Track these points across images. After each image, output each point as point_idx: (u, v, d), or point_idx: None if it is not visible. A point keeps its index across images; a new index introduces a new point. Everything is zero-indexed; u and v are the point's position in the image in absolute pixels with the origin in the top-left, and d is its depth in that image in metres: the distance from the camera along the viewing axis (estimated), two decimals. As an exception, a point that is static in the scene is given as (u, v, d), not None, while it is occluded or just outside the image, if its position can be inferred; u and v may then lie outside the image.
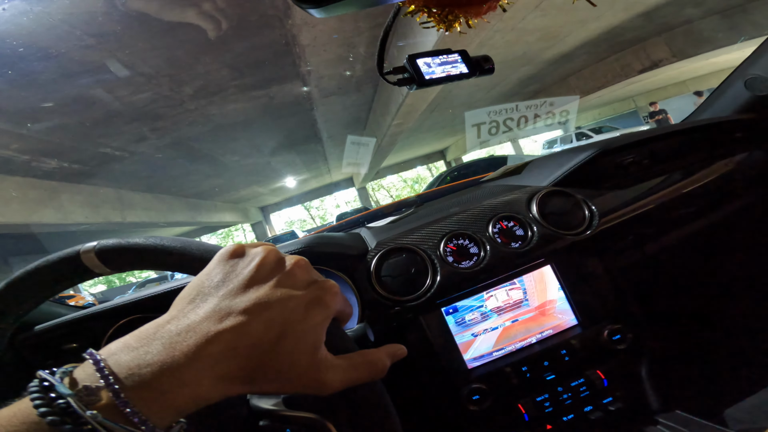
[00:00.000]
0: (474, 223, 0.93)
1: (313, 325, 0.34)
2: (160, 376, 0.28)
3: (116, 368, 0.28)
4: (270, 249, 0.37)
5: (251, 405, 0.56)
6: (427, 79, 0.89)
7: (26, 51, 4.02)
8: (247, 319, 0.31)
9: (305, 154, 11.85)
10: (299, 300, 0.34)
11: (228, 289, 0.33)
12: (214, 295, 0.33)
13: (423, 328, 0.86)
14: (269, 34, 4.96)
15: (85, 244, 0.48)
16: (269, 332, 0.31)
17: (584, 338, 0.87)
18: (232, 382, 0.30)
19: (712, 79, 13.68)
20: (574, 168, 1.05)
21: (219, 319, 0.31)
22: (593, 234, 0.91)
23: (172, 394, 0.28)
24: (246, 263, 0.35)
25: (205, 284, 0.34)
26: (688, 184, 1.02)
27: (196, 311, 0.32)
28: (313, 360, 0.33)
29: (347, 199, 19.79)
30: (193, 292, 0.34)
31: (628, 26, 8.71)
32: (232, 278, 0.34)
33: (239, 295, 0.33)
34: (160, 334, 0.30)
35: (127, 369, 0.28)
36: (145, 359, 0.28)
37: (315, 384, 0.33)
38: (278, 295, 0.33)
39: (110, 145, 6.92)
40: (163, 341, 0.30)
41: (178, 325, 0.31)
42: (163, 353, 0.29)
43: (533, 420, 0.85)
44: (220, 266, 0.35)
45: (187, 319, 0.31)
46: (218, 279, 0.34)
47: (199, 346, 0.29)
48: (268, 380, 0.32)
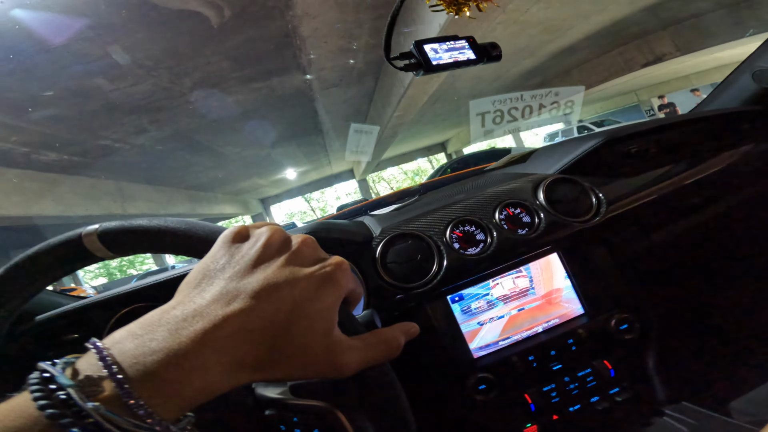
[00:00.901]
0: (480, 209, 0.91)
1: (325, 304, 0.32)
2: (166, 365, 0.26)
3: (120, 357, 0.26)
4: (275, 228, 0.36)
5: (257, 394, 0.55)
6: (435, 64, 0.87)
7: (25, 43, 3.99)
8: (256, 301, 0.29)
9: (306, 146, 11.83)
10: (309, 279, 0.32)
11: (234, 270, 0.32)
12: (220, 277, 0.31)
13: (428, 317, 0.85)
14: (270, 25, 4.93)
15: (87, 227, 0.47)
16: (280, 313, 0.30)
17: (591, 327, 0.86)
18: (242, 369, 0.29)
19: (716, 74, 13.59)
20: (581, 156, 1.03)
21: (227, 302, 0.29)
22: (601, 222, 0.90)
23: (179, 383, 0.26)
24: (252, 244, 0.34)
25: (210, 267, 0.33)
26: (695, 174, 1.01)
27: (203, 295, 0.30)
28: (328, 342, 0.32)
29: (348, 190, 19.79)
30: (198, 276, 0.32)
31: (632, 20, 8.64)
32: (238, 260, 0.33)
33: (246, 276, 0.31)
34: (165, 320, 0.28)
35: (132, 357, 0.26)
36: (150, 347, 0.27)
37: (331, 367, 0.32)
38: (287, 274, 0.31)
39: (110, 137, 6.90)
40: (168, 327, 0.28)
41: (184, 310, 0.29)
42: (169, 339, 0.27)
43: (540, 410, 0.84)
44: (224, 248, 0.34)
45: (193, 304, 0.29)
46: (224, 261, 0.33)
47: (206, 331, 0.28)
48: (281, 366, 0.30)
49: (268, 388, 0.55)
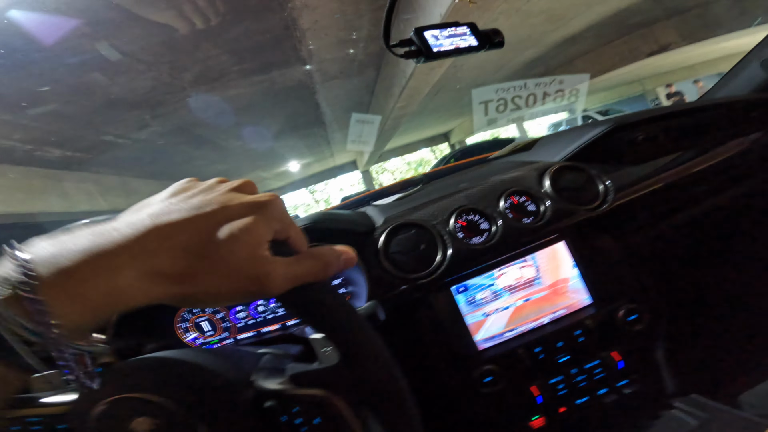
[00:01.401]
0: (484, 198, 0.90)
1: (255, 222, 0.32)
2: (78, 264, 0.25)
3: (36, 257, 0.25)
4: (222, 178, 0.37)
5: (256, 386, 0.55)
6: (435, 51, 0.86)
7: (23, 41, 3.97)
8: (187, 215, 0.30)
9: (308, 138, 11.80)
10: (243, 202, 0.33)
11: (176, 198, 0.32)
12: (159, 203, 0.32)
13: (432, 308, 0.84)
14: (269, 18, 4.88)
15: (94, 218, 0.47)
16: (209, 228, 0.30)
17: (599, 318, 0.84)
18: (161, 278, 0.28)
19: (722, 63, 13.37)
20: (587, 143, 1.02)
21: (159, 216, 0.29)
22: (608, 209, 0.88)
23: (87, 283, 0.25)
24: (199, 184, 0.35)
25: (154, 198, 0.33)
26: (703, 162, 0.99)
27: (138, 213, 0.31)
28: (254, 253, 0.31)
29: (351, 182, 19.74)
30: (140, 204, 0.33)
31: (636, 9, 8.51)
32: (181, 191, 0.33)
33: (184, 201, 0.32)
34: (94, 229, 0.28)
35: (49, 256, 0.25)
36: (68, 247, 0.26)
37: (256, 279, 0.31)
38: (222, 199, 0.32)
39: (112, 133, 6.90)
40: (94, 232, 0.28)
41: (116, 222, 0.29)
42: (91, 240, 0.27)
43: (546, 403, 0.83)
44: (173, 186, 0.35)
45: (126, 219, 0.30)
46: (168, 193, 0.33)
47: (131, 237, 0.28)
48: (202, 278, 0.29)
49: (267, 380, 0.55)
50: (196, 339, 0.97)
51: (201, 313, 0.97)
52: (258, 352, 0.68)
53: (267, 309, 0.97)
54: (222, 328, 0.97)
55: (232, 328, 0.97)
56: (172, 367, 0.53)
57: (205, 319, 0.97)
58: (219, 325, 0.97)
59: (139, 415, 0.51)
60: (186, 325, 0.97)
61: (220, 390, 0.53)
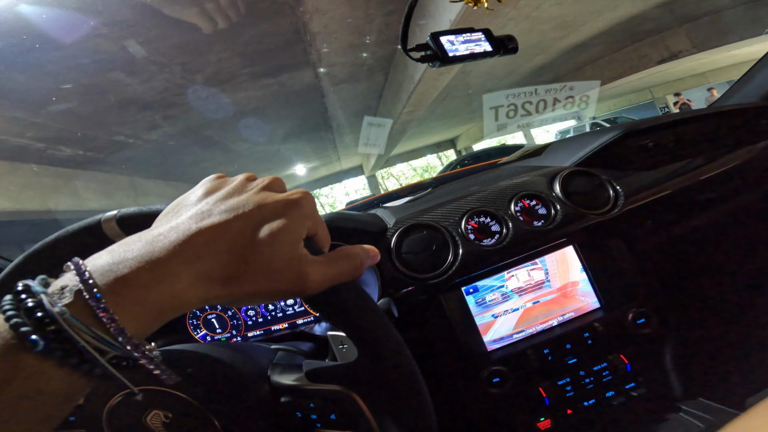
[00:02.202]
0: (496, 200, 0.90)
1: (291, 222, 0.33)
2: (137, 270, 0.27)
3: (94, 268, 0.26)
4: (250, 173, 0.39)
5: (272, 381, 0.56)
6: (451, 56, 0.87)
7: (40, 40, 4.04)
8: (227, 217, 0.31)
9: (315, 142, 11.86)
10: (277, 201, 0.34)
11: (211, 197, 0.34)
12: (196, 204, 0.33)
13: (443, 308, 0.84)
14: (280, 21, 4.93)
15: (105, 213, 0.48)
16: (248, 229, 0.31)
17: (607, 321, 0.85)
18: (211, 281, 0.29)
19: (732, 71, 13.29)
20: (598, 149, 1.02)
21: (200, 219, 0.31)
22: (618, 214, 0.89)
23: (149, 289, 0.27)
24: (229, 181, 0.36)
25: (188, 198, 0.35)
26: (713, 169, 0.99)
27: (178, 216, 0.32)
28: (293, 255, 0.33)
29: (357, 187, 19.75)
30: (175, 206, 0.34)
31: (646, 16, 8.48)
32: (214, 191, 0.35)
33: (221, 201, 0.33)
34: (143, 236, 0.30)
35: (106, 265, 0.27)
36: (124, 256, 0.27)
37: (297, 279, 0.32)
38: (257, 198, 0.33)
39: (124, 133, 6.98)
40: (145, 240, 0.29)
41: (161, 228, 0.30)
42: (143, 249, 0.28)
43: (554, 404, 0.83)
44: (203, 185, 0.36)
45: (169, 224, 0.31)
46: (201, 192, 0.35)
47: (180, 241, 0.29)
48: (248, 279, 0.31)
49: (283, 375, 0.56)
50: (206, 336, 0.99)
51: (211, 310, 0.98)
52: (272, 347, 0.69)
53: (276, 307, 0.98)
54: (232, 325, 0.99)
55: (241, 325, 0.99)
56: (189, 360, 0.54)
57: (215, 316, 0.98)
58: (229, 323, 0.99)
59: (152, 408, 0.52)
60: (196, 321, 0.98)
61: (237, 384, 0.53)
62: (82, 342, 0.24)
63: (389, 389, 0.41)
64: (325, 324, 0.93)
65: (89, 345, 0.24)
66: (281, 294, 0.33)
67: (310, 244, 0.36)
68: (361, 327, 0.39)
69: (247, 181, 0.36)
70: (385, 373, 0.40)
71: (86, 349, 0.24)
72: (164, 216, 0.34)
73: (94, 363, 0.25)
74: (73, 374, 0.24)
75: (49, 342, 0.23)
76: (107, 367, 0.25)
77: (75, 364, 0.24)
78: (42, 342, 0.23)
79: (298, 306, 0.97)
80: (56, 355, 0.23)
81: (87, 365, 0.24)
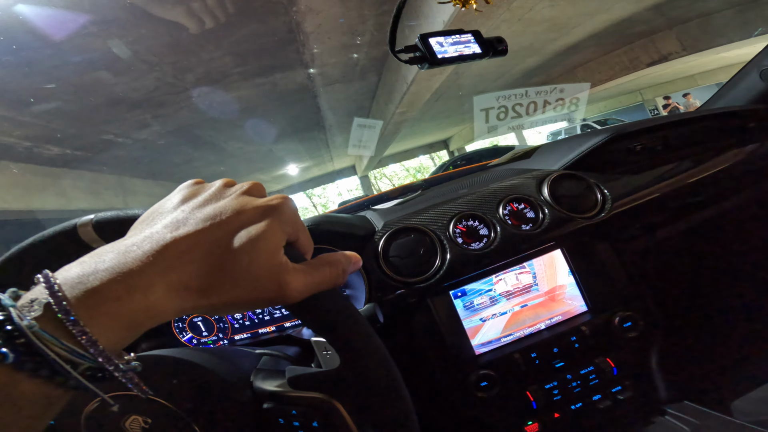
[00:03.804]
0: (484, 204, 0.90)
1: (270, 228, 0.32)
2: (109, 283, 0.26)
3: (63, 280, 0.26)
4: (229, 179, 0.37)
5: (254, 387, 0.55)
6: (440, 58, 0.87)
7: (28, 38, 3.98)
8: (203, 225, 0.30)
9: (308, 142, 11.82)
10: (256, 208, 0.33)
11: (187, 205, 0.32)
12: (172, 212, 0.32)
13: (431, 312, 0.84)
14: (273, 21, 4.90)
15: (82, 217, 0.46)
16: (226, 237, 0.30)
17: (594, 325, 0.85)
18: (187, 291, 0.28)
19: (721, 73, 13.50)
20: (586, 152, 1.02)
21: (175, 227, 0.30)
22: (606, 218, 0.89)
23: (121, 301, 0.26)
24: (207, 187, 0.35)
25: (164, 205, 0.33)
26: (701, 172, 1.00)
27: (153, 225, 0.31)
28: (273, 263, 0.32)
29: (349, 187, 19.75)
30: (151, 213, 0.33)
31: (638, 18, 8.56)
32: (191, 198, 0.33)
33: (197, 209, 0.32)
34: (115, 247, 0.28)
35: (76, 278, 0.26)
36: (95, 268, 0.26)
37: (276, 289, 0.31)
38: (235, 204, 0.32)
39: (112, 132, 6.89)
40: (116, 251, 0.28)
41: (134, 237, 0.29)
42: (115, 260, 0.27)
43: (541, 408, 0.83)
44: (180, 191, 0.35)
45: (143, 233, 0.30)
46: (177, 200, 0.33)
47: (153, 251, 0.28)
48: (227, 289, 0.30)
49: (266, 381, 0.55)
50: (191, 339, 0.97)
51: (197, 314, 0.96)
52: (256, 352, 0.68)
53: (264, 310, 0.97)
54: (218, 328, 0.97)
55: (228, 328, 0.97)
56: (169, 365, 0.53)
57: (201, 319, 0.97)
58: (215, 326, 0.97)
59: (132, 414, 0.51)
60: (182, 324, 0.97)
61: (218, 390, 0.52)
62: (52, 355, 0.24)
63: (371, 398, 0.40)
64: (312, 327, 0.92)
65: (60, 357, 0.24)
66: (261, 303, 0.32)
67: (291, 250, 0.35)
68: (342, 335, 0.38)
69: (225, 187, 0.35)
70: (367, 381, 0.40)
71: (56, 361, 0.24)
72: (139, 224, 0.33)
73: (67, 375, 0.24)
74: (46, 386, 0.24)
75: (19, 355, 0.23)
76: (80, 379, 0.25)
77: (47, 376, 0.24)
78: (12, 355, 0.23)
79: (285, 309, 0.96)
80: (27, 367, 0.23)
81: (60, 377, 0.24)
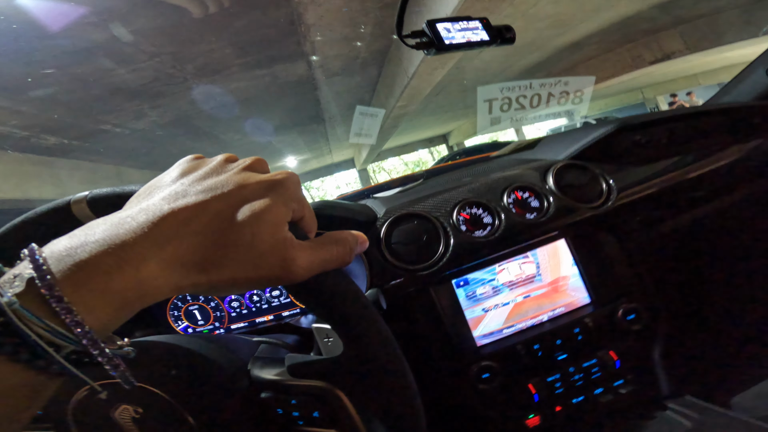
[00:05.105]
0: (488, 192, 0.89)
1: (274, 203, 0.30)
2: (99, 255, 0.23)
3: (50, 253, 0.23)
4: (230, 154, 0.36)
5: (252, 376, 0.52)
6: (447, 44, 0.85)
7: (26, 27, 3.93)
8: (204, 197, 0.28)
9: (307, 134, 11.77)
10: (259, 182, 0.31)
11: (186, 178, 0.31)
12: (170, 185, 0.30)
13: (432, 301, 0.83)
14: (275, 12, 4.85)
15: (76, 194, 0.45)
16: (227, 210, 0.28)
17: (598, 317, 0.84)
18: (185, 267, 0.26)
19: (723, 73, 13.47)
20: (591, 143, 1.01)
21: (174, 199, 0.28)
22: (611, 208, 0.88)
23: (111, 275, 0.23)
24: (207, 162, 0.34)
25: (162, 179, 0.32)
26: (705, 165, 0.99)
27: (150, 198, 0.29)
28: (277, 238, 0.30)
29: (348, 180, 19.67)
30: (148, 188, 0.31)
31: (642, 16, 8.52)
32: (191, 171, 0.32)
33: (198, 182, 0.30)
34: (109, 219, 0.26)
35: (64, 250, 0.23)
36: (85, 240, 0.24)
37: (280, 265, 0.29)
38: (237, 178, 0.31)
39: (110, 122, 6.84)
40: (109, 223, 0.25)
41: (129, 210, 0.27)
42: (107, 232, 0.24)
43: (543, 401, 0.82)
44: (179, 165, 0.33)
45: (139, 204, 0.28)
46: (176, 173, 0.32)
47: (149, 223, 0.26)
48: (227, 265, 0.28)
49: (264, 370, 0.53)
50: (187, 328, 0.96)
51: (193, 301, 0.95)
52: (254, 340, 0.66)
53: (261, 298, 0.96)
54: (215, 317, 0.96)
55: (224, 317, 0.96)
56: (162, 352, 0.51)
57: (197, 307, 0.95)
58: (211, 314, 0.96)
59: (122, 403, 0.49)
60: (177, 313, 0.95)
61: (214, 378, 0.50)
62: (33, 336, 0.21)
63: (376, 386, 0.39)
64: (311, 316, 0.91)
65: (42, 339, 0.21)
66: (265, 281, 0.30)
67: (295, 228, 0.33)
68: (348, 319, 0.37)
69: (226, 162, 0.34)
70: (372, 369, 0.38)
71: (38, 342, 0.21)
72: (135, 198, 0.31)
73: (50, 359, 0.22)
74: (27, 371, 0.22)
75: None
76: (63, 363, 0.22)
77: (27, 359, 0.21)
78: None
79: (283, 297, 0.95)
80: (5, 350, 0.21)
81: (42, 361, 0.22)
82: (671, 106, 11.94)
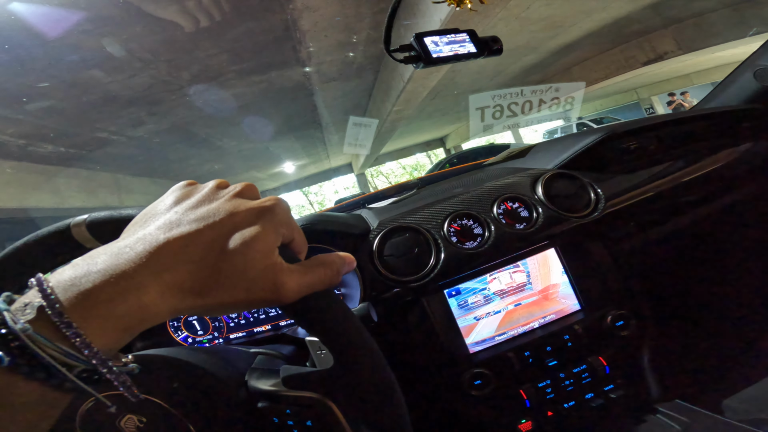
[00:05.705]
0: (478, 203, 0.91)
1: (264, 230, 0.32)
2: (102, 284, 0.26)
3: (56, 283, 0.26)
4: (220, 180, 0.37)
5: (249, 386, 0.55)
6: (435, 57, 0.87)
7: (22, 35, 3.94)
8: (197, 226, 0.30)
9: (304, 140, 11.78)
10: (250, 209, 0.33)
11: (180, 206, 0.33)
12: (165, 213, 0.32)
13: (425, 311, 0.84)
14: (270, 18, 4.87)
15: (75, 217, 0.46)
16: (220, 238, 0.30)
17: (587, 324, 0.86)
18: (181, 292, 0.29)
19: (716, 73, 13.56)
20: (580, 151, 1.03)
21: (169, 228, 0.30)
22: (599, 217, 0.90)
23: (115, 303, 0.26)
24: (199, 188, 0.36)
25: (157, 207, 0.34)
26: (694, 171, 1.01)
27: (146, 227, 0.31)
28: (268, 263, 0.32)
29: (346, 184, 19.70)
30: (144, 216, 0.33)
31: (634, 17, 8.58)
32: (184, 199, 0.34)
33: (191, 210, 0.32)
34: (108, 249, 0.29)
35: (69, 281, 0.26)
36: (88, 270, 0.26)
37: (272, 288, 0.32)
38: (228, 206, 0.33)
39: (107, 129, 6.84)
40: (110, 253, 0.28)
41: (127, 239, 0.29)
42: (108, 262, 0.27)
43: (535, 406, 0.83)
44: (173, 193, 0.35)
45: (136, 234, 0.30)
46: (170, 201, 0.34)
47: (147, 252, 0.28)
48: (222, 289, 0.30)
49: (260, 381, 0.55)
50: (187, 338, 0.97)
51: None
52: (251, 351, 0.68)
53: (259, 310, 0.97)
54: (214, 327, 0.97)
55: (223, 327, 0.97)
56: (164, 365, 0.53)
57: (197, 318, 0.97)
58: (210, 325, 0.97)
59: (127, 413, 0.51)
60: (177, 323, 0.96)
61: (213, 389, 0.53)
62: (47, 357, 0.24)
63: (364, 398, 0.41)
64: (307, 326, 0.92)
65: (55, 360, 0.24)
66: (256, 303, 0.32)
67: (285, 251, 0.35)
68: (336, 336, 0.38)
69: (218, 189, 0.35)
70: (360, 381, 0.40)
71: (51, 363, 0.24)
72: (132, 226, 0.33)
73: (63, 377, 0.25)
74: (43, 388, 0.24)
75: (14, 358, 0.23)
76: (75, 380, 0.25)
77: (43, 378, 0.24)
78: (7, 358, 0.23)
79: (279, 310, 0.96)
80: (23, 370, 0.23)
81: (56, 379, 0.24)
82: (670, 105, 11.98)
